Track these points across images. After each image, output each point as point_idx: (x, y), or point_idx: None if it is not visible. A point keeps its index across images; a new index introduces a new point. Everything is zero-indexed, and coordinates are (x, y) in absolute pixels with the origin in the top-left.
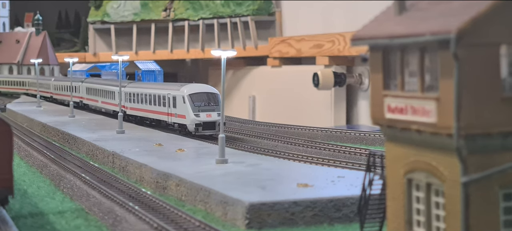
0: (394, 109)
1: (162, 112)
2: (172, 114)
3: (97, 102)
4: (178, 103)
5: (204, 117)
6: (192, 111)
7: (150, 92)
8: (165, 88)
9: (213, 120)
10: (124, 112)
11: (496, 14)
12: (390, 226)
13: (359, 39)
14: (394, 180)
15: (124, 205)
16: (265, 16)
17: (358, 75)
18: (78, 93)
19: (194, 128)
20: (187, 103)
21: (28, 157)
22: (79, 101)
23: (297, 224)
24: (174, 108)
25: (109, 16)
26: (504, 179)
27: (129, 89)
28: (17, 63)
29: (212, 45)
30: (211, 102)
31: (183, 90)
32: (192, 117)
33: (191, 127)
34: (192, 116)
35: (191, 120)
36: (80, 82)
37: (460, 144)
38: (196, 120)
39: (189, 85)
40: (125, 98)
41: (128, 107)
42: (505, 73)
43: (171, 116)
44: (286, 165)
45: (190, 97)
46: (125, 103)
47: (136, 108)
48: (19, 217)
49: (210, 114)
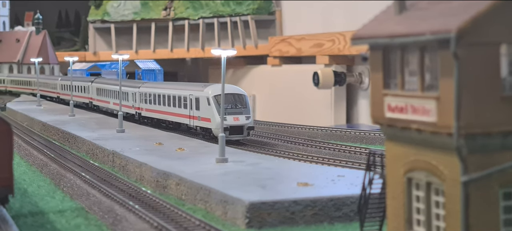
0: (394, 108)
1: (182, 114)
2: (195, 117)
3: (109, 104)
4: (202, 105)
5: (232, 120)
6: (218, 114)
7: (169, 93)
8: (187, 89)
9: (241, 123)
10: (139, 114)
11: (496, 13)
12: (390, 225)
13: (359, 39)
14: (394, 179)
15: (124, 204)
16: (265, 15)
17: (358, 75)
18: (87, 94)
19: None
20: (213, 105)
21: (28, 156)
22: (89, 103)
23: (297, 223)
24: (197, 111)
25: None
26: (504, 178)
27: (145, 90)
28: (17, 62)
29: (212, 44)
30: (238, 104)
31: (207, 91)
32: (218, 120)
33: (216, 131)
34: (218, 119)
35: (217, 124)
36: (89, 82)
37: (460, 143)
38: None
39: (214, 86)
40: (140, 99)
41: (143, 108)
42: (505, 73)
43: (194, 119)
44: (286, 164)
45: (216, 98)
46: (140, 104)
47: (153, 110)
48: (19, 216)
49: (237, 117)
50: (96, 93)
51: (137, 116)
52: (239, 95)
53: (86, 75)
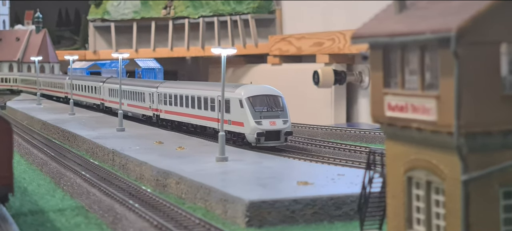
0: (394, 107)
1: (209, 117)
2: (225, 121)
3: (123, 106)
4: (233, 108)
5: (268, 124)
6: (253, 118)
7: (192, 94)
8: (214, 89)
9: (279, 128)
10: (157, 116)
11: (496, 12)
12: (390, 224)
13: (359, 37)
14: (394, 178)
15: (124, 202)
16: (265, 14)
17: (359, 73)
18: (98, 95)
19: (255, 138)
20: (246, 108)
21: (28, 154)
22: (100, 104)
23: (297, 222)
24: (227, 114)
25: (109, 14)
26: (504, 177)
27: (164, 90)
28: (17, 61)
29: (212, 43)
30: (274, 107)
31: (239, 92)
32: (252, 125)
33: (251, 137)
34: (253, 124)
35: (251, 129)
36: (101, 82)
37: (460, 142)
38: (258, 129)
39: (247, 87)
40: (158, 100)
41: (162, 110)
42: (505, 72)
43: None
44: (286, 163)
45: (250, 100)
46: (159, 105)
47: (174, 112)
48: (19, 214)
49: (274, 121)
50: (109, 94)
51: (155, 118)
52: (275, 97)
53: (86, 74)
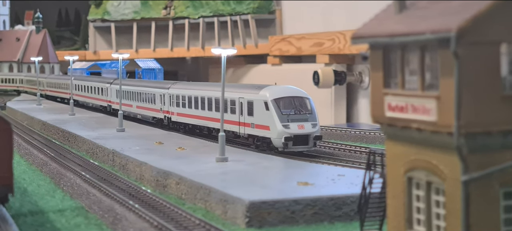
0: (394, 107)
1: (229, 120)
2: (247, 124)
3: (131, 108)
4: (257, 111)
5: (296, 128)
6: (280, 121)
7: (209, 95)
8: (234, 91)
9: (307, 132)
10: (169, 119)
11: (496, 12)
12: (390, 225)
13: (359, 38)
14: (394, 179)
15: (124, 203)
16: (266, 14)
17: (359, 74)
18: (105, 97)
19: (283, 143)
20: (272, 111)
21: (28, 155)
22: (107, 106)
23: (298, 222)
24: (250, 117)
25: (110, 14)
26: (504, 177)
27: (177, 91)
28: (17, 61)
29: (213, 44)
30: (302, 110)
31: (264, 94)
32: (279, 129)
33: (277, 142)
34: (280, 127)
35: (278, 133)
36: (108, 84)
37: (460, 142)
38: (286, 133)
39: (272, 88)
40: (170, 101)
41: (174, 113)
42: (505, 72)
43: (245, 126)
44: (286, 163)
45: (276, 103)
46: (171, 108)
47: (187, 114)
48: (19, 215)
49: (302, 125)
50: (116, 95)
51: (167, 120)
52: (303, 99)
53: (86, 74)
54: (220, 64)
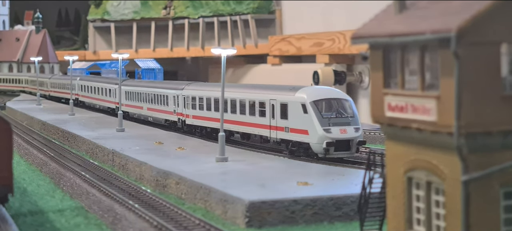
0: (394, 107)
1: (257, 124)
2: (279, 127)
3: (142, 110)
4: (293, 113)
5: (338, 132)
6: (320, 125)
7: (233, 97)
8: (264, 92)
9: (350, 136)
10: (183, 121)
11: (497, 12)
12: (390, 225)
13: (359, 38)
14: (394, 179)
15: (124, 203)
16: (265, 14)
17: (358, 74)
18: (113, 98)
19: (324, 149)
20: (311, 114)
21: (28, 155)
22: (115, 108)
23: (297, 222)
24: (283, 120)
25: (109, 14)
26: (504, 177)
27: (192, 92)
28: (17, 61)
29: (212, 44)
30: (343, 113)
31: (301, 95)
32: (320, 133)
33: (318, 147)
34: (321, 132)
35: (318, 137)
36: (116, 84)
37: (460, 142)
38: (327, 137)
39: (309, 89)
40: (185, 103)
41: (189, 115)
42: (506, 72)
43: (277, 130)
44: (286, 163)
45: (315, 105)
46: (185, 110)
47: (205, 117)
48: (18, 215)
49: (344, 129)
50: (125, 97)
51: (181, 123)
52: (344, 101)
53: (86, 74)
54: (220, 64)
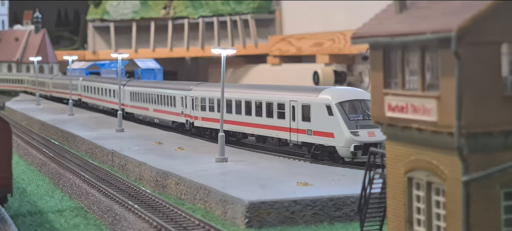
0: (394, 108)
1: (275, 126)
2: (301, 130)
3: (147, 111)
4: (316, 115)
5: (366, 135)
6: (347, 127)
7: (247, 98)
8: (283, 93)
9: (378, 140)
10: (191, 124)
11: (497, 12)
12: (390, 225)
13: (359, 38)
14: (394, 179)
15: (123, 203)
16: (265, 14)
17: (359, 74)
18: (117, 99)
19: (352, 152)
20: (338, 116)
21: (27, 155)
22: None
23: (297, 223)
24: (305, 122)
25: (109, 14)
26: (505, 177)
27: (200, 93)
28: (16, 61)
29: (212, 44)
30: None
31: (325, 97)
32: (347, 136)
33: (344, 151)
34: (348, 135)
35: (346, 140)
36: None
37: (461, 142)
38: (355, 141)
39: (333, 89)
40: (193, 105)
41: (198, 117)
42: (506, 72)
43: (299, 133)
44: (286, 164)
45: (341, 106)
46: (194, 112)
47: (215, 119)
48: (18, 215)
49: (372, 132)
50: (130, 98)
51: (189, 125)
52: (369, 102)
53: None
54: (220, 64)
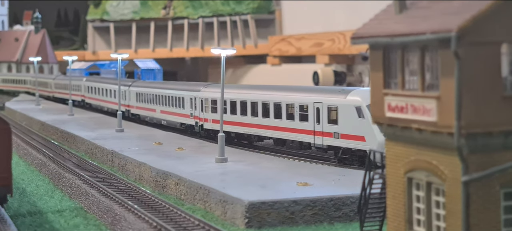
0: (394, 108)
1: (299, 129)
2: (326, 133)
3: (154, 113)
4: (344, 118)
5: None
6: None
7: (265, 99)
8: (306, 94)
9: None
10: (201, 126)
11: (497, 12)
12: (390, 225)
13: (359, 38)
14: (394, 179)
15: (123, 203)
16: (265, 14)
17: (358, 74)
18: (124, 101)
19: None
20: (369, 118)
21: (27, 155)
22: (125, 111)
23: (297, 223)
24: (331, 125)
25: (109, 14)
26: (505, 178)
27: (209, 94)
28: (16, 62)
29: (212, 44)
30: None
31: (355, 98)
32: (380, 140)
33: (376, 155)
34: (381, 138)
35: (379, 145)
36: (126, 86)
37: (461, 142)
38: None
39: (361, 91)
40: (202, 106)
41: (208, 119)
42: (506, 72)
43: (324, 136)
44: (286, 164)
45: None
46: (204, 114)
47: (228, 121)
48: (17, 215)
49: None
50: (136, 99)
51: (198, 128)
52: None
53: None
54: (220, 65)
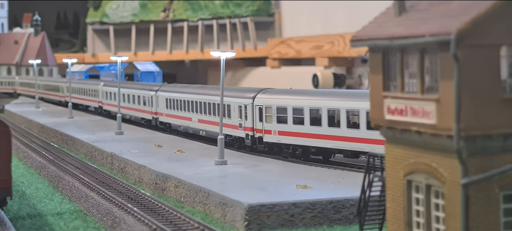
0: (394, 110)
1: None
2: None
3: (190, 122)
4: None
5: None
6: None
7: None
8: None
9: None
10: (252, 136)
11: (496, 15)
12: (389, 228)
13: (359, 40)
14: (394, 182)
15: (123, 206)
16: (265, 17)
17: (358, 77)
18: (150, 107)
19: None
20: None
21: (27, 158)
22: (152, 119)
23: (297, 225)
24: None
25: (108, 17)
26: (504, 180)
27: (269, 101)
28: (16, 64)
29: (211, 46)
30: None
31: None
32: None
33: None
34: None
35: None
36: (153, 91)
37: (460, 145)
38: None
39: None
40: (252, 115)
41: (271, 131)
42: (505, 75)
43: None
44: (286, 167)
45: None
46: (264, 124)
47: (290, 132)
48: (17, 218)
49: None
50: (166, 105)
51: (250, 140)
52: None
53: (84, 77)
54: (219, 67)
